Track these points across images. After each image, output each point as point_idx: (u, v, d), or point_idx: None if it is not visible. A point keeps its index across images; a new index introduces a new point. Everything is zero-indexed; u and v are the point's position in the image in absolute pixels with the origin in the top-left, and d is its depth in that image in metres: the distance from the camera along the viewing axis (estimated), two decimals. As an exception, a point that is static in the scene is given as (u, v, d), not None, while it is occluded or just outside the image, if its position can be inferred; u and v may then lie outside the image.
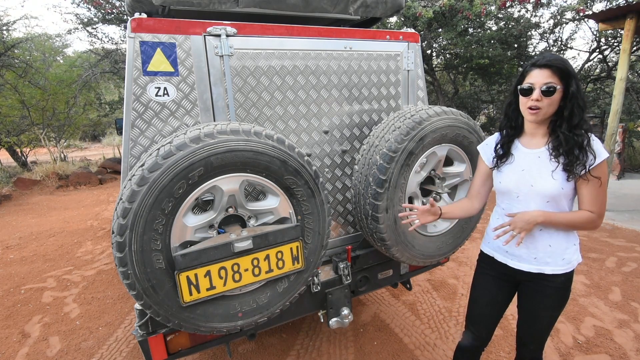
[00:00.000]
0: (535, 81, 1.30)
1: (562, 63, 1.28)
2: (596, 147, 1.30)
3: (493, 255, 1.59)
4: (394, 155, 1.74)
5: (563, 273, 1.42)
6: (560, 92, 1.29)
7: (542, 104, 1.30)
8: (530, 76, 1.32)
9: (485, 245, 1.65)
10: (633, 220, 4.84)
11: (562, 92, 1.29)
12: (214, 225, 1.54)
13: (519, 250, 1.48)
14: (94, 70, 10.13)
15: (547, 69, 1.29)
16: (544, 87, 1.28)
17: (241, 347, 2.59)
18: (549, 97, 1.29)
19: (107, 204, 7.12)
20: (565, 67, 1.28)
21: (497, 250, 1.57)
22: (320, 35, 1.91)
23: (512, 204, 1.48)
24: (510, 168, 1.47)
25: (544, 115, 1.32)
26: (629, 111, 9.53)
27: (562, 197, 1.36)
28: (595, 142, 1.31)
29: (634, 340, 2.53)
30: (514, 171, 1.45)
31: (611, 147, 5.11)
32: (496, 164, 1.52)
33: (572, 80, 1.27)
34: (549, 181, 1.35)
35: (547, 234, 1.42)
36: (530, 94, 1.31)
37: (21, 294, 3.55)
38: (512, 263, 1.51)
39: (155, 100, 1.61)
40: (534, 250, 1.44)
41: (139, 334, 1.62)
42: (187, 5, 1.71)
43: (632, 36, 4.75)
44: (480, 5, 6.76)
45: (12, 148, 10.42)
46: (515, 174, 1.45)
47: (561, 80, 1.28)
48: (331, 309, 2.04)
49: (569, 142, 1.30)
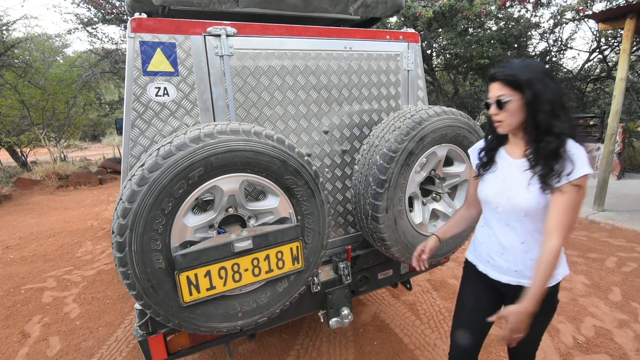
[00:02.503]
0: (491, 95, 1.28)
1: (509, 73, 1.22)
2: (575, 157, 1.18)
3: (476, 264, 1.53)
4: (394, 155, 1.74)
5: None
6: (518, 102, 1.23)
7: (500, 117, 1.27)
8: (489, 90, 1.30)
9: (469, 252, 1.59)
10: (633, 220, 4.84)
11: (520, 101, 1.23)
12: (214, 225, 1.54)
13: (499, 261, 1.41)
14: (94, 70, 10.13)
15: (495, 82, 1.26)
16: (496, 101, 1.26)
17: (241, 347, 2.59)
18: (504, 109, 1.25)
19: (107, 204, 7.12)
20: (514, 77, 1.21)
21: (479, 259, 1.51)
22: (320, 35, 1.91)
23: (492, 215, 1.42)
24: (492, 177, 1.40)
25: (509, 127, 1.28)
26: (629, 111, 9.53)
27: (540, 213, 1.27)
28: (575, 152, 1.19)
29: (634, 340, 2.53)
30: (495, 181, 1.39)
31: (611, 147, 5.11)
32: (479, 172, 1.45)
33: (526, 88, 1.20)
34: (524, 194, 1.27)
35: (528, 247, 1.34)
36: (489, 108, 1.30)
37: (21, 294, 3.55)
38: (492, 274, 1.45)
39: (155, 100, 1.61)
40: (514, 263, 1.38)
41: (139, 334, 1.62)
42: (187, 5, 1.71)
43: (632, 36, 4.75)
44: (480, 5, 6.76)
45: (12, 148, 10.42)
46: (496, 184, 1.38)
47: (515, 90, 1.22)
48: (331, 309, 2.04)
49: (539, 151, 1.23)
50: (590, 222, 4.99)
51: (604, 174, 5.20)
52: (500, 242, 1.40)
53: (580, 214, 5.23)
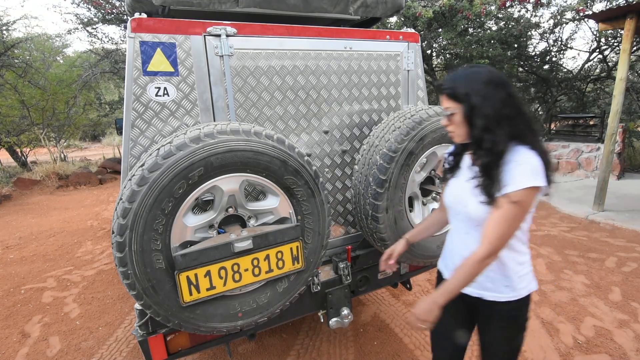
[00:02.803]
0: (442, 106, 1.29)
1: (448, 86, 1.21)
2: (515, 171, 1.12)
3: (443, 272, 1.49)
4: (394, 155, 1.74)
5: (506, 301, 1.27)
6: (459, 114, 1.21)
7: (450, 128, 1.26)
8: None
9: (440, 260, 1.54)
10: (633, 220, 4.84)
11: (460, 114, 1.21)
12: (214, 225, 1.54)
13: None
14: (94, 70, 10.12)
15: (441, 94, 1.25)
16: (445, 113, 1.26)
17: (241, 347, 2.59)
18: (451, 121, 1.24)
19: (107, 204, 7.12)
20: (452, 90, 1.20)
21: (446, 267, 1.47)
22: (320, 35, 1.90)
23: (454, 221, 1.39)
24: (454, 183, 1.37)
25: (459, 137, 1.26)
26: (629, 111, 9.53)
27: None
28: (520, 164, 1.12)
29: (634, 340, 2.53)
30: (455, 187, 1.36)
31: (611, 147, 5.11)
32: (445, 176, 1.43)
33: (464, 102, 1.18)
34: (475, 204, 1.22)
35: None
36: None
37: (21, 294, 3.55)
38: None
39: (155, 100, 1.61)
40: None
41: (139, 334, 1.62)
42: (187, 5, 1.71)
43: (632, 36, 4.75)
44: (480, 5, 6.76)
45: (12, 148, 10.41)
46: (456, 190, 1.35)
47: (456, 102, 1.20)
48: (331, 309, 2.04)
49: (475, 163, 1.22)
50: (590, 222, 4.99)
51: (604, 174, 5.20)
52: (461, 250, 1.34)
53: (580, 214, 5.24)
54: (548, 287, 3.29)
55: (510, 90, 1.18)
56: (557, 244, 4.29)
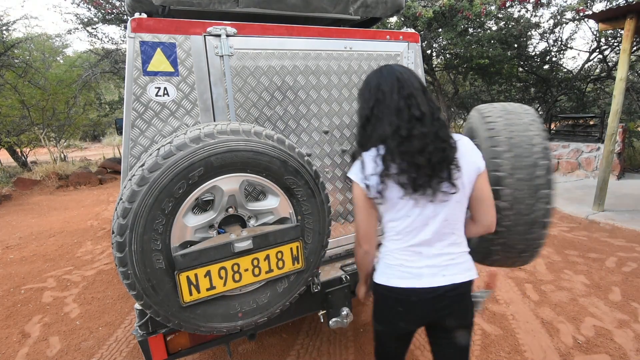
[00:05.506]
0: None
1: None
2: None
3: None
4: (394, 155, 1.73)
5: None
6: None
7: None
8: None
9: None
10: (633, 220, 4.84)
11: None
12: (214, 225, 1.54)
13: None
14: (94, 70, 10.13)
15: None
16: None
17: (241, 347, 2.59)
18: None
19: (107, 204, 7.12)
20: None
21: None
22: (320, 35, 1.90)
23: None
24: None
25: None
26: (629, 111, 9.54)
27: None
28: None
29: (634, 340, 2.53)
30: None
31: (611, 147, 5.11)
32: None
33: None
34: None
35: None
36: None
37: (21, 294, 3.55)
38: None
39: (155, 100, 1.61)
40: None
41: (139, 334, 1.62)
42: (187, 5, 1.71)
43: (632, 36, 4.75)
44: (480, 5, 6.77)
45: (12, 148, 10.42)
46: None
47: None
48: (331, 309, 2.04)
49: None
50: (590, 222, 4.99)
51: (604, 174, 5.20)
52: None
53: (581, 214, 5.24)
54: (548, 287, 3.29)
55: (378, 93, 1.30)
56: (557, 244, 4.29)
